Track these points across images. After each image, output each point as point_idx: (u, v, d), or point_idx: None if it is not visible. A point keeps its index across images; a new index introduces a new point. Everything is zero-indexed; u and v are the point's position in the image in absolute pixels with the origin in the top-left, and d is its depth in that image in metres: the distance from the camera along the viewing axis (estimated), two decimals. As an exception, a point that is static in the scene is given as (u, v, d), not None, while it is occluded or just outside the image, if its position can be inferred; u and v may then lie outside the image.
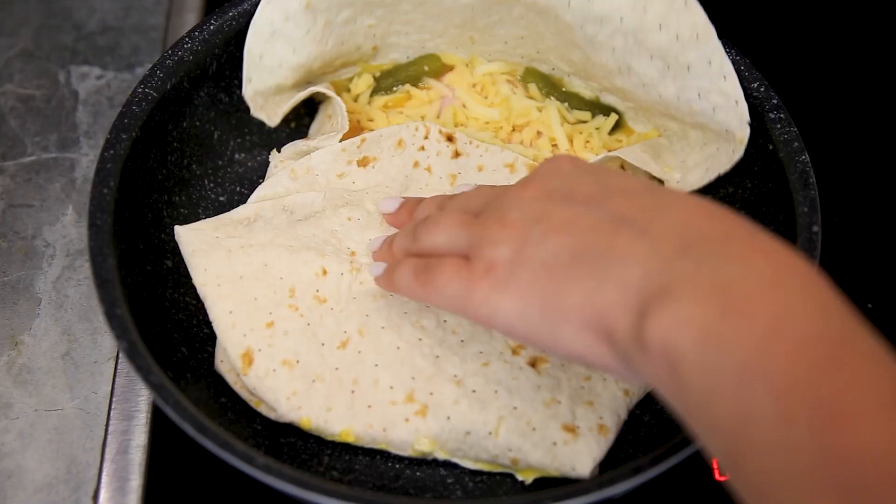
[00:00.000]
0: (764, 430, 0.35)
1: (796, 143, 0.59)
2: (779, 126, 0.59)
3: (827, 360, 0.35)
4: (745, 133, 0.59)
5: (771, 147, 0.60)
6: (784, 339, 0.36)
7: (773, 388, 0.35)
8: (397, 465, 0.56)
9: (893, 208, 0.72)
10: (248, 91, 0.63)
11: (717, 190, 0.64)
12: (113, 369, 0.63)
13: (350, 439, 0.54)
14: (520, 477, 0.55)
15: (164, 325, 0.57)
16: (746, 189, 0.62)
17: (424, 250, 0.51)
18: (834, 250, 0.63)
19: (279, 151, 0.65)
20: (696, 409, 0.38)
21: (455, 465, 0.55)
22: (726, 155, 0.60)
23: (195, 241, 0.58)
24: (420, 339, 0.56)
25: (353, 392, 0.54)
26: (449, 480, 0.55)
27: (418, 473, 0.55)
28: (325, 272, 0.58)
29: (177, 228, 0.59)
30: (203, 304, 0.58)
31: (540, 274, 0.44)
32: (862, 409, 0.34)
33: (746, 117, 0.58)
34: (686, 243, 0.40)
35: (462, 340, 0.56)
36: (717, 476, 0.57)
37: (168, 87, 0.61)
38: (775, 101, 0.60)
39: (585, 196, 0.45)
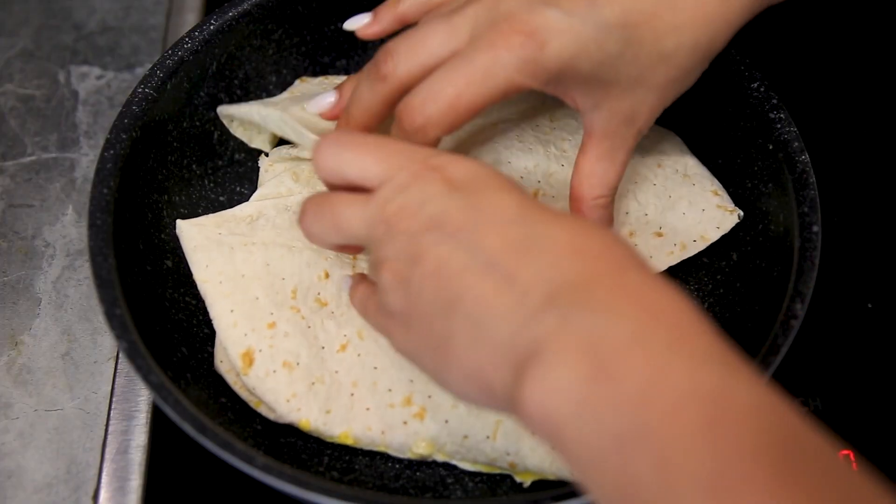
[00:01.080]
0: (649, 500, 0.33)
1: (796, 143, 0.58)
2: (779, 126, 0.59)
3: (703, 421, 0.33)
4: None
5: (771, 147, 0.60)
6: (657, 401, 0.34)
7: (653, 458, 0.33)
8: (397, 466, 0.56)
9: (893, 208, 0.72)
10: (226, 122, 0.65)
11: (716, 190, 0.64)
12: (113, 369, 0.63)
13: (349, 441, 0.54)
14: (518, 479, 0.55)
15: (164, 325, 0.57)
16: (746, 189, 0.62)
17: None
18: (834, 250, 0.63)
19: (267, 156, 0.65)
20: (582, 475, 0.36)
21: (455, 466, 0.55)
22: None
23: (197, 237, 0.58)
24: None
25: (352, 395, 0.55)
26: (449, 480, 0.55)
27: (418, 473, 0.55)
28: (327, 275, 0.58)
29: (179, 223, 0.59)
30: (203, 304, 0.58)
31: (424, 327, 0.43)
32: (745, 477, 0.32)
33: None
34: (552, 292, 0.38)
35: None
36: None
37: (168, 87, 0.61)
38: (775, 101, 0.60)
39: (457, 225, 0.42)
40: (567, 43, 0.47)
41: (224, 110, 0.64)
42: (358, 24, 0.57)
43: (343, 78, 0.64)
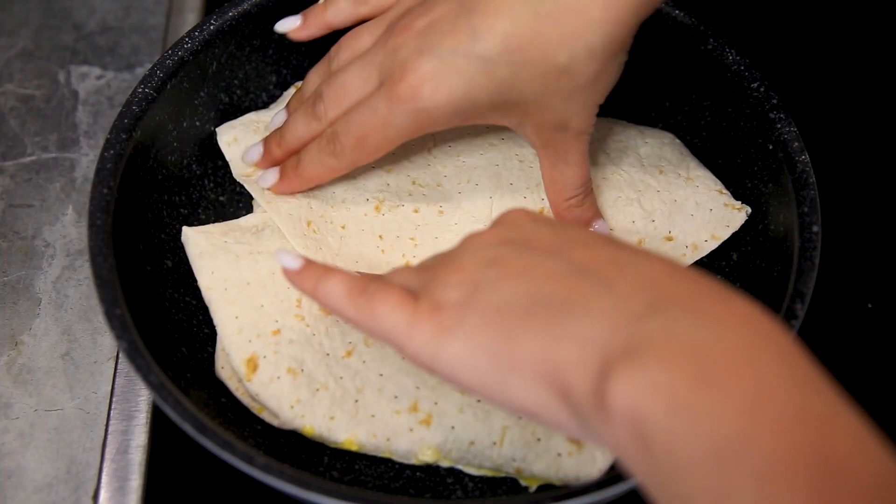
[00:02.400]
0: None
1: (796, 143, 0.58)
2: (779, 126, 0.59)
3: (812, 442, 0.33)
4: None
5: (771, 147, 0.60)
6: (765, 417, 0.33)
7: (755, 470, 0.33)
8: (397, 466, 0.55)
9: (893, 208, 0.72)
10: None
11: (717, 190, 0.64)
12: (113, 369, 0.63)
13: (353, 448, 0.54)
14: (524, 483, 0.54)
15: (164, 324, 0.57)
16: (746, 189, 0.62)
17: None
18: (834, 250, 0.63)
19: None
20: (664, 480, 0.35)
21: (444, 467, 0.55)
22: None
23: (203, 244, 0.58)
24: None
25: (356, 401, 0.54)
26: (449, 480, 0.55)
27: (418, 474, 0.55)
28: None
29: (185, 230, 0.59)
30: (203, 304, 0.58)
31: (491, 319, 0.40)
32: (853, 500, 0.32)
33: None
34: (654, 302, 0.38)
35: None
36: None
37: (168, 87, 0.61)
38: (775, 101, 0.60)
39: (545, 246, 0.43)
40: (455, 83, 0.50)
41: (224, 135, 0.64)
42: (288, 27, 0.61)
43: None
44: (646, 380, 0.35)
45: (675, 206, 0.61)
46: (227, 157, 0.63)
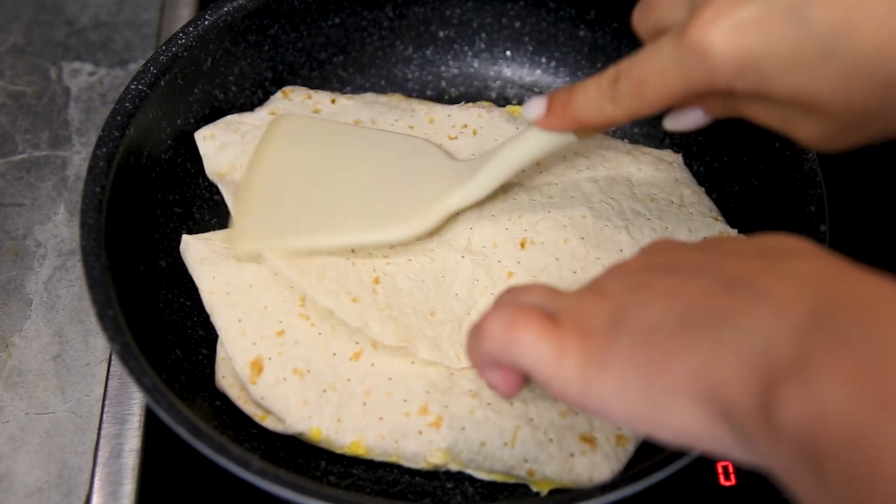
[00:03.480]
0: None
1: (803, 142, 0.58)
2: (784, 124, 0.59)
3: None
4: None
5: (777, 145, 0.59)
6: None
7: None
8: (396, 470, 0.55)
9: (900, 207, 0.71)
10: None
11: (722, 189, 0.63)
12: (105, 372, 0.62)
13: (360, 451, 0.54)
14: (534, 489, 0.54)
15: (158, 326, 0.57)
16: (752, 187, 0.62)
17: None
18: (841, 250, 0.62)
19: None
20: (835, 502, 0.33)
21: (454, 471, 0.55)
22: None
23: (204, 250, 0.59)
24: None
25: (364, 403, 0.54)
26: (448, 485, 0.55)
27: (417, 479, 0.55)
28: None
29: (185, 237, 0.59)
30: (198, 305, 0.58)
31: (641, 341, 0.38)
32: None
33: None
34: (819, 311, 0.34)
35: None
36: (721, 481, 0.57)
37: (162, 83, 0.60)
38: (781, 99, 0.60)
39: (691, 265, 0.40)
40: (754, 37, 0.44)
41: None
42: (533, 113, 0.54)
43: (304, 90, 0.66)
44: (819, 400, 0.32)
45: (667, 233, 0.61)
46: (202, 152, 0.63)
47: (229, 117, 0.65)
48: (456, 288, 0.58)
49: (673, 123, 0.52)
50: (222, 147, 0.63)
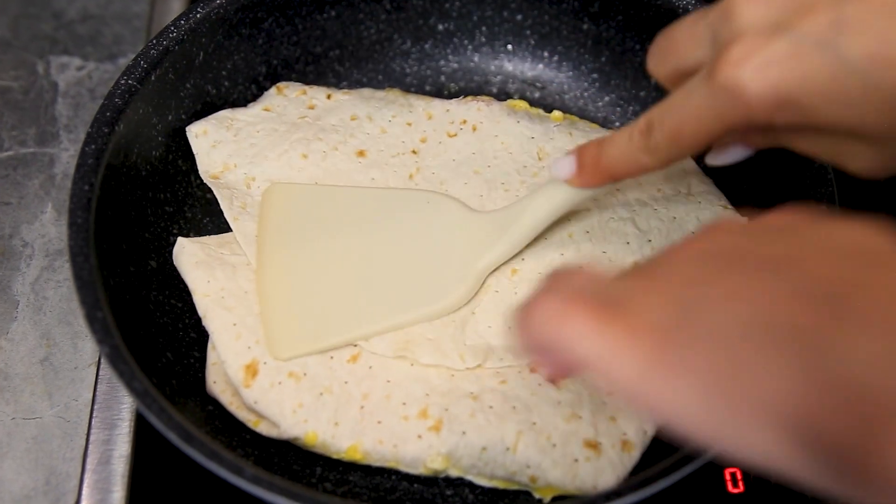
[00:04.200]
0: None
1: (812, 138, 0.58)
2: (793, 120, 0.59)
3: None
4: None
5: (786, 142, 0.59)
6: None
7: None
8: (393, 476, 0.55)
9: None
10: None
11: (731, 188, 0.63)
12: (94, 375, 0.62)
13: (357, 456, 0.53)
14: (537, 495, 0.53)
15: (148, 328, 0.56)
16: (762, 185, 0.62)
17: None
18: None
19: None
20: None
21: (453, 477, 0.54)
22: None
23: (199, 254, 0.58)
24: None
25: (362, 407, 0.54)
26: (448, 492, 0.54)
27: (416, 485, 0.54)
28: None
29: (180, 240, 0.59)
30: (189, 307, 0.57)
31: (720, 348, 0.34)
32: None
33: None
34: None
35: None
36: (729, 488, 0.56)
37: (152, 78, 0.60)
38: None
39: (763, 260, 0.36)
40: (788, 71, 0.44)
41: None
42: (563, 173, 0.54)
43: (299, 86, 0.65)
44: None
45: (675, 223, 0.60)
46: (194, 150, 0.62)
47: (222, 112, 0.64)
48: None
49: (715, 160, 0.52)
50: (215, 145, 0.62)
